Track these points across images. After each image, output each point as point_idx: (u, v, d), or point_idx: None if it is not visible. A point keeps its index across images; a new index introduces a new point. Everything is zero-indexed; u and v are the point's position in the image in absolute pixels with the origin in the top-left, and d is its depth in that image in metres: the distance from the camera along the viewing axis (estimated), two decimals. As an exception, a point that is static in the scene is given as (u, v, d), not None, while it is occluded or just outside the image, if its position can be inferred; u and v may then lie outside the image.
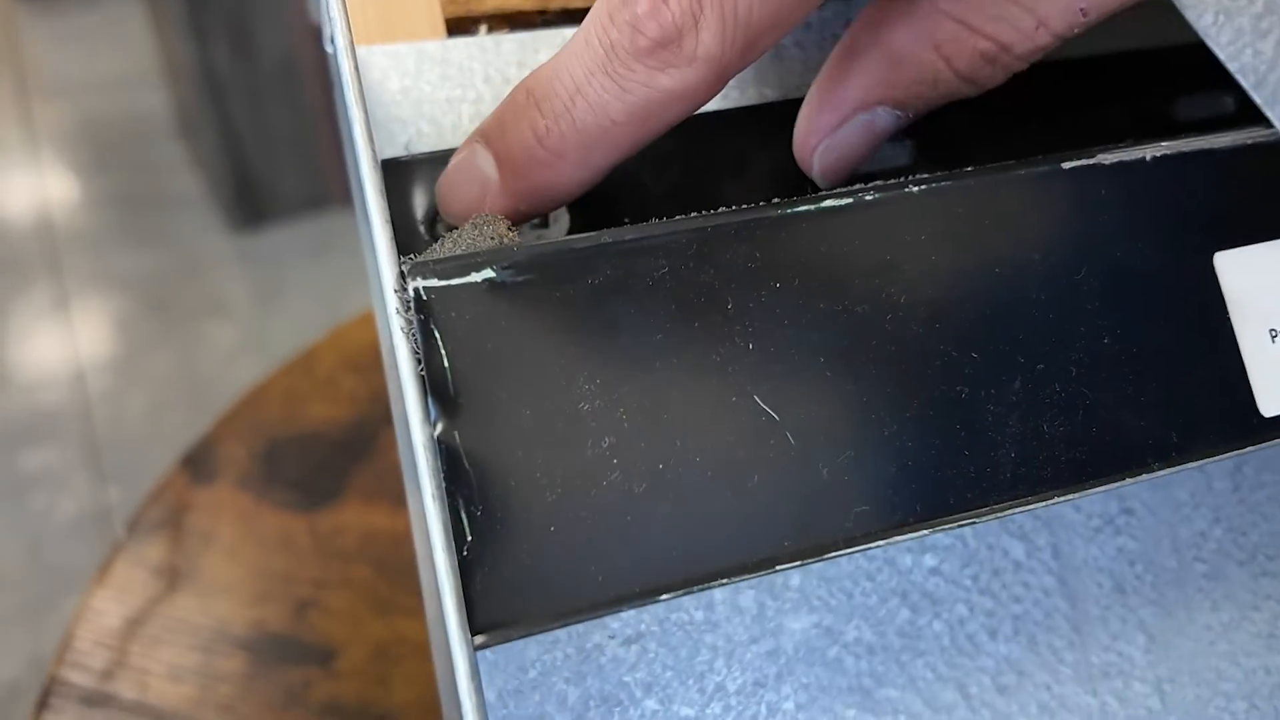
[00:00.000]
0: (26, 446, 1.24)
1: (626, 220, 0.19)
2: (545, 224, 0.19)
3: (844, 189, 0.16)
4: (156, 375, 1.31)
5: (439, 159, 0.19)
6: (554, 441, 0.14)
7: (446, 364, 0.14)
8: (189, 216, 1.49)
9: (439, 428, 0.14)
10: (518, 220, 0.17)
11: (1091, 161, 0.17)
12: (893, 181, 0.16)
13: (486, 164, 0.17)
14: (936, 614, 0.19)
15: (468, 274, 0.14)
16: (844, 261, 0.15)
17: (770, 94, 0.21)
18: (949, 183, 0.16)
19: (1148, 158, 0.17)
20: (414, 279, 0.14)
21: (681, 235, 0.15)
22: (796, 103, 0.20)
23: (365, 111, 0.15)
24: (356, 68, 0.15)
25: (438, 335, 0.14)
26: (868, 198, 0.16)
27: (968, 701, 0.19)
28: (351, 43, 0.15)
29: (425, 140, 0.19)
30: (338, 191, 1.43)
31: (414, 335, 0.14)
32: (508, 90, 0.20)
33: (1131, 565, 0.21)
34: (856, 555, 0.19)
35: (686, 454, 0.14)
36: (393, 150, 0.19)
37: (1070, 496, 0.15)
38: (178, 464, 0.43)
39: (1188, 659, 0.20)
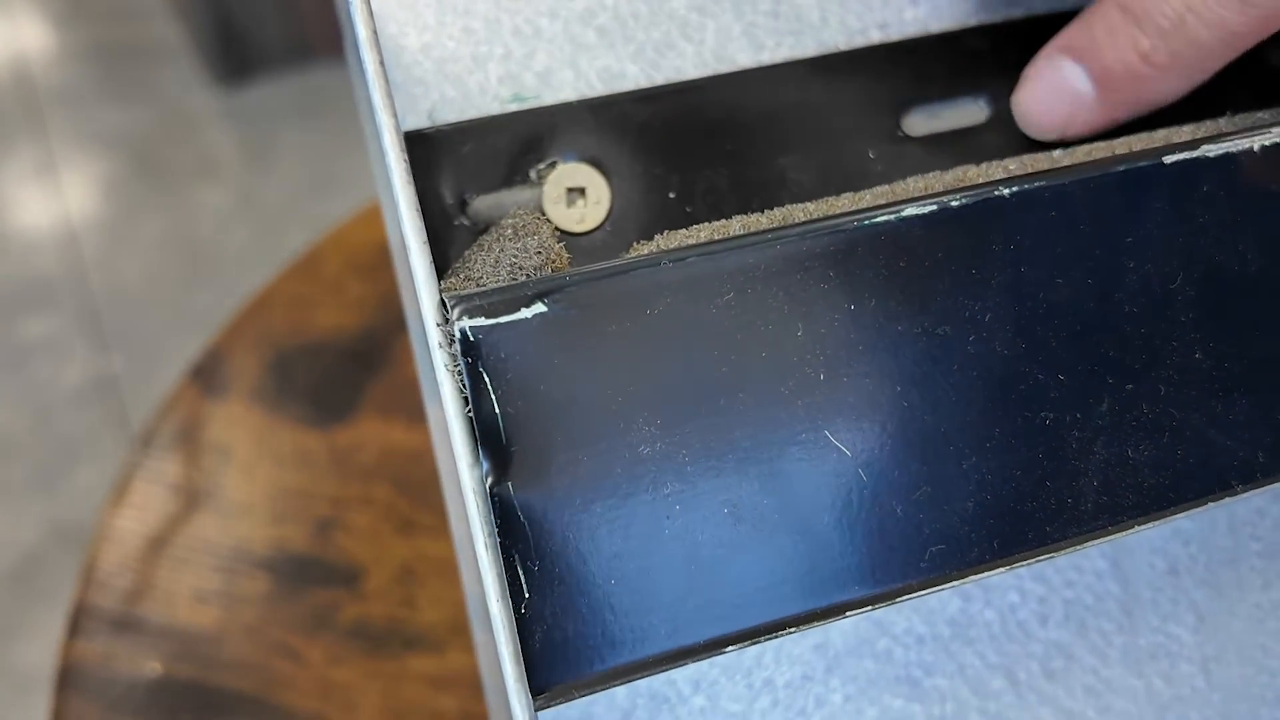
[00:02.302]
0: (25, 315, 1.23)
1: (672, 195, 0.18)
2: (584, 203, 0.17)
3: (928, 195, 0.14)
4: (150, 238, 1.28)
5: (468, 130, 0.17)
6: (613, 489, 0.13)
7: (497, 409, 0.13)
8: (172, 70, 1.43)
9: (491, 478, 0.13)
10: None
11: (1194, 155, 0.15)
12: (982, 184, 0.14)
13: (1079, 80, 0.17)
14: (988, 601, 0.19)
15: (518, 309, 0.13)
16: (926, 277, 0.14)
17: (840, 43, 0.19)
18: (1043, 184, 0.14)
19: (1255, 147, 0.15)
20: (460, 318, 0.12)
21: (748, 256, 0.13)
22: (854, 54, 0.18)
23: (391, 103, 0.13)
24: (376, 39, 0.13)
25: (487, 379, 0.13)
26: (954, 204, 0.14)
27: (1015, 688, 0.19)
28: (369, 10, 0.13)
29: (450, 106, 0.17)
30: (322, 42, 1.37)
31: (460, 374, 0.13)
32: (541, 44, 0.18)
33: (1186, 545, 0.20)
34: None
35: (753, 496, 0.13)
36: (415, 120, 0.17)
37: (1151, 525, 0.15)
38: (187, 375, 0.42)
39: (1235, 638, 0.20)
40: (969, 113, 0.19)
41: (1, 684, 0.97)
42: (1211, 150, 0.15)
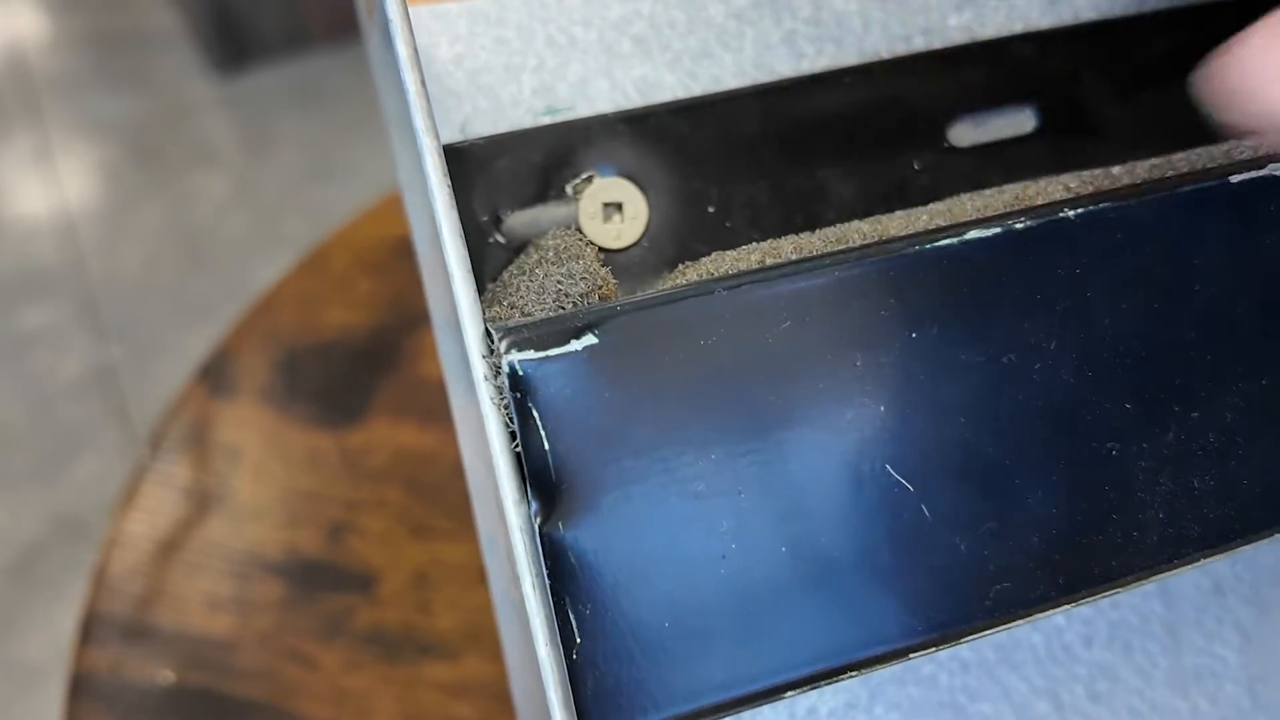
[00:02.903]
0: (23, 304, 1.22)
1: (711, 209, 0.17)
2: (621, 218, 0.17)
3: (991, 217, 0.13)
4: (148, 227, 1.27)
5: (501, 143, 0.16)
6: (667, 527, 0.12)
7: (546, 446, 0.12)
8: (169, 57, 1.42)
9: (540, 518, 0.12)
10: None
11: (1261, 174, 0.14)
12: (1046, 206, 0.14)
13: None
14: (1035, 625, 0.19)
15: (567, 341, 0.12)
16: (990, 303, 0.13)
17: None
18: (1107, 205, 0.14)
19: (1331, 163, 0.15)
20: (509, 351, 0.12)
21: (805, 282, 0.13)
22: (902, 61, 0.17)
23: (433, 124, 0.13)
24: (415, 53, 0.13)
25: (536, 415, 0.12)
26: (1018, 226, 0.13)
27: (1060, 711, 0.19)
28: (406, 12, 0.13)
29: (483, 118, 0.17)
30: (320, 29, 1.36)
31: (507, 409, 0.12)
32: (575, 54, 0.17)
33: (1231, 565, 0.20)
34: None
35: (812, 534, 0.13)
36: (447, 133, 0.16)
37: (1216, 558, 0.14)
38: (195, 375, 0.41)
39: (1282, 658, 0.20)
40: (1016, 122, 0.18)
41: (3, 676, 0.97)
42: (1279, 169, 0.14)
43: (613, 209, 0.17)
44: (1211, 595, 0.20)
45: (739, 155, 0.17)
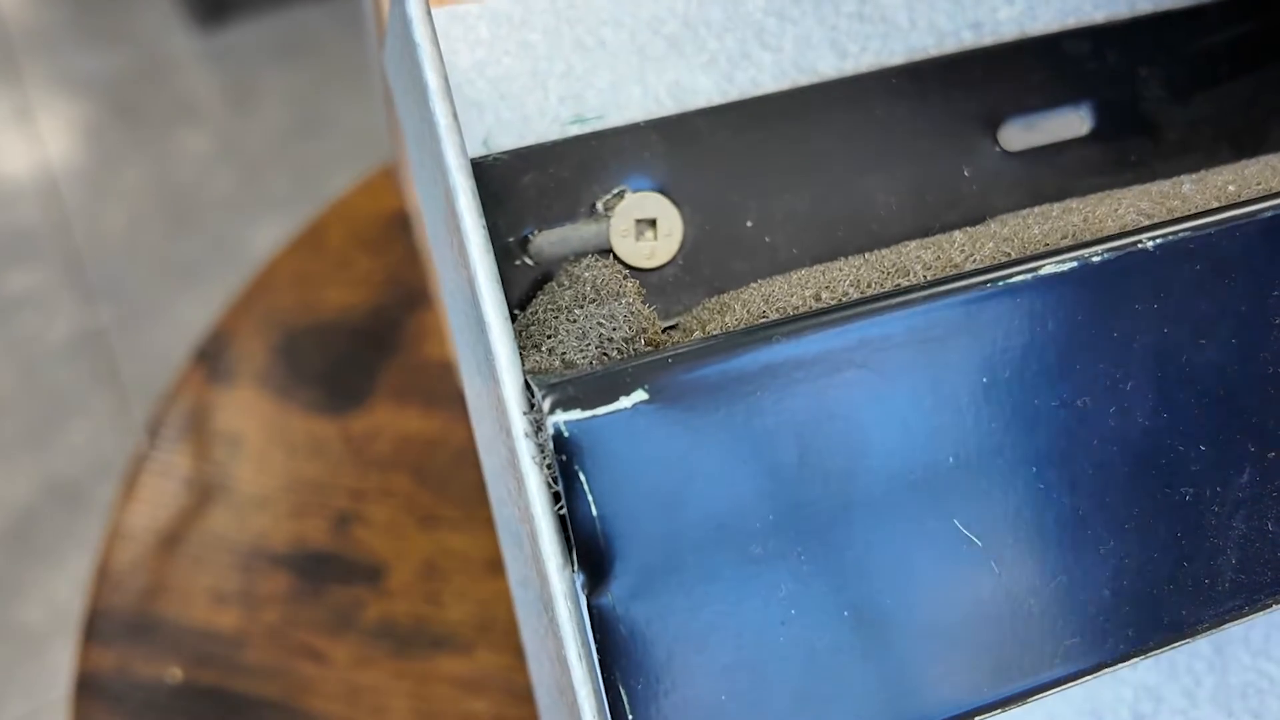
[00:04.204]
0: (8, 268, 1.20)
1: (750, 223, 0.16)
2: (654, 235, 0.16)
3: (1065, 248, 0.12)
4: (132, 186, 1.25)
5: (527, 157, 0.15)
6: (723, 594, 0.12)
7: (594, 512, 0.11)
8: (149, 12, 1.38)
9: (587, 589, 0.11)
10: None
11: (1357, 192, 0.13)
12: (1124, 236, 0.13)
13: None
14: (1078, 649, 0.18)
15: (616, 399, 0.11)
16: (1065, 343, 0.12)
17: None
18: (1187, 234, 0.13)
19: None
20: (553, 411, 0.11)
21: (870, 328, 0.12)
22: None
23: (459, 136, 0.11)
24: (440, 61, 0.11)
25: (584, 479, 0.11)
26: (1095, 260, 0.12)
27: (1104, 736, 0.18)
28: (428, 8, 0.12)
29: (507, 130, 0.15)
30: (300, -20, 1.33)
31: (551, 469, 0.11)
32: (605, 57, 0.16)
33: None
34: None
35: (875, 596, 0.12)
36: (470, 147, 0.15)
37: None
38: (191, 359, 0.40)
39: (1328, 674, 0.19)
40: (1069, 124, 0.17)
41: (5, 640, 0.97)
42: (1368, 187, 0.14)
43: (645, 225, 0.16)
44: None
45: (779, 164, 0.16)
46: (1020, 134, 0.17)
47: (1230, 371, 0.13)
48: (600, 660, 0.11)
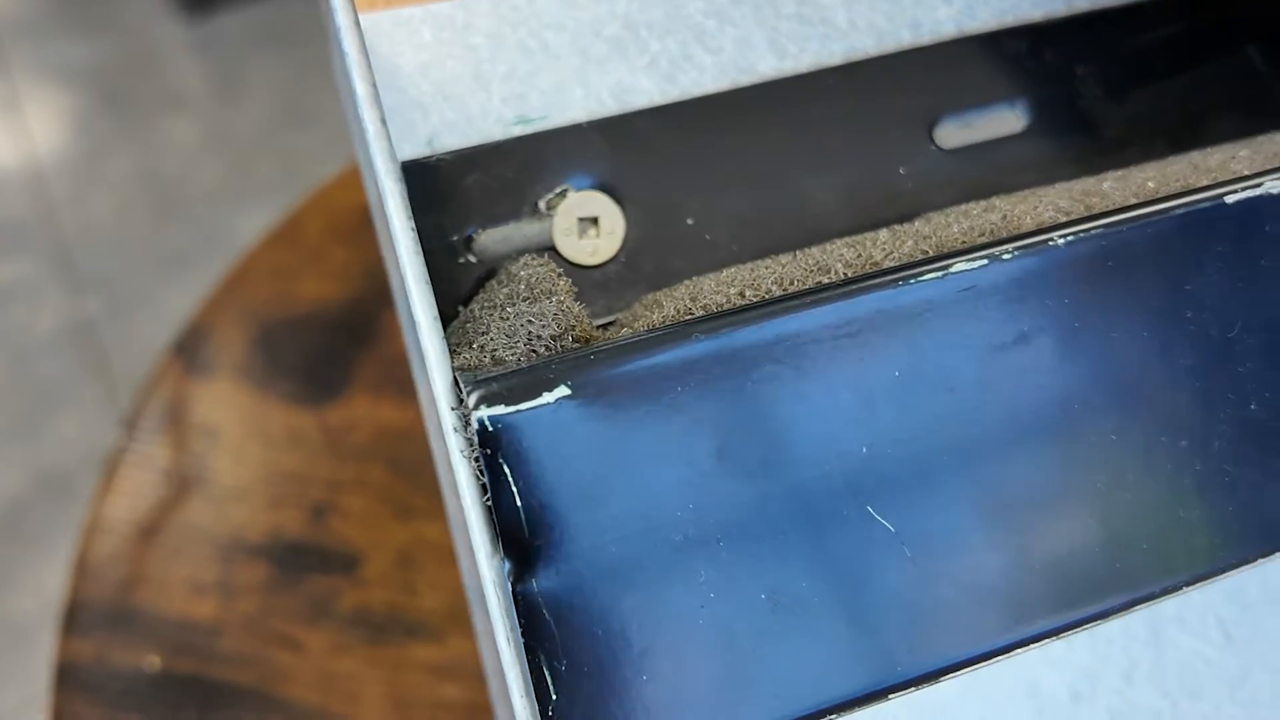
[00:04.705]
0: (-3, 259, 1.20)
1: (691, 221, 0.17)
2: (597, 233, 0.16)
3: (977, 246, 0.13)
4: (119, 176, 1.25)
5: (471, 157, 0.16)
6: (645, 580, 0.12)
7: (519, 502, 0.12)
8: (134, 1, 1.38)
9: (513, 576, 0.12)
10: None
11: (1258, 192, 0.14)
12: (1035, 234, 0.13)
13: None
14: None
15: (539, 394, 0.12)
16: (973, 339, 0.13)
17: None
18: (1099, 231, 0.13)
19: (1326, 180, 0.14)
20: (478, 406, 0.11)
21: (788, 324, 0.12)
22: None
23: (389, 142, 0.12)
24: (367, 61, 0.12)
25: (508, 471, 0.12)
26: (1005, 258, 0.13)
27: (1041, 713, 0.19)
28: (356, 21, 0.12)
29: (451, 131, 0.16)
30: (288, -32, 1.32)
31: (478, 463, 0.12)
32: (548, 59, 0.16)
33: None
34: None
35: (793, 581, 0.13)
36: (413, 148, 0.16)
37: (1193, 587, 0.14)
38: (170, 352, 0.40)
39: (1262, 653, 0.20)
40: (1004, 122, 0.18)
41: (-4, 633, 0.97)
42: (1275, 186, 0.14)
43: (588, 223, 0.16)
44: (1194, 592, 0.20)
45: (719, 163, 0.17)
46: (956, 132, 0.18)
47: (1143, 367, 0.14)
48: (526, 643, 0.12)
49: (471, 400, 0.12)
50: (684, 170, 0.16)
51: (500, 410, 0.11)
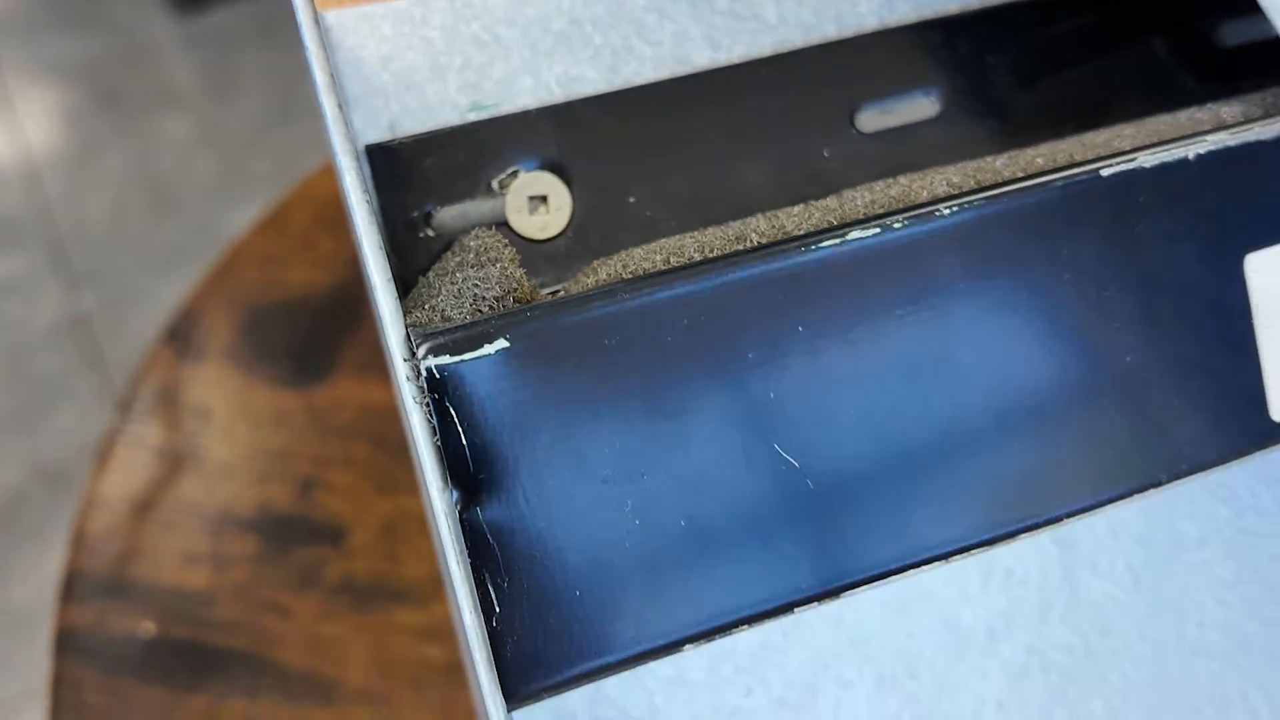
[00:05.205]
0: (-8, 255, 1.21)
1: (632, 199, 0.18)
2: (546, 210, 0.18)
3: (872, 217, 0.15)
4: (113, 172, 1.26)
5: (429, 141, 0.17)
6: (576, 509, 0.14)
7: (464, 441, 0.13)
8: (125, -3, 1.39)
9: (460, 504, 0.13)
10: None
11: (1132, 166, 0.16)
12: (924, 205, 0.15)
13: None
14: (934, 571, 0.20)
15: (480, 346, 0.13)
16: (871, 299, 0.15)
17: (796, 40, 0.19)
18: (982, 202, 0.15)
19: (1191, 156, 0.16)
20: (426, 356, 0.13)
21: (701, 286, 0.14)
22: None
23: (349, 133, 0.14)
24: (331, 79, 0.14)
25: (453, 412, 0.13)
26: (896, 226, 0.15)
27: (959, 648, 0.20)
28: (315, 19, 0.14)
29: (411, 117, 0.17)
30: (282, -35, 1.33)
31: (428, 408, 0.13)
32: (500, 52, 0.18)
33: (1122, 508, 0.21)
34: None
35: (708, 509, 0.14)
36: (376, 133, 0.17)
37: (1072, 521, 0.16)
38: (161, 338, 0.42)
39: (1169, 595, 0.21)
40: (920, 108, 0.19)
41: (-4, 623, 0.99)
42: (1148, 161, 0.16)
43: (538, 201, 0.18)
44: (1107, 537, 0.21)
45: (658, 146, 0.18)
46: (876, 117, 0.19)
47: (1025, 324, 0.15)
48: (472, 564, 0.14)
49: (421, 351, 0.13)
50: (626, 153, 0.18)
51: (446, 360, 0.13)
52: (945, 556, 0.15)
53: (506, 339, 0.13)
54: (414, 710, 0.33)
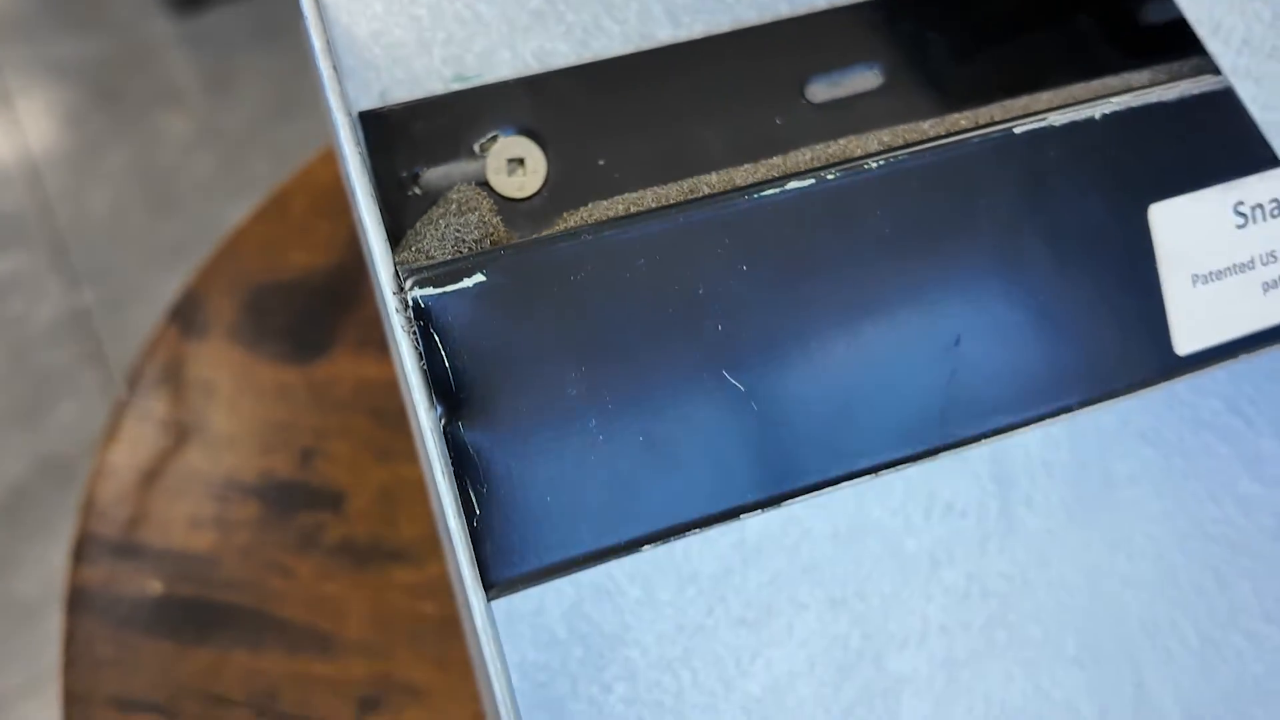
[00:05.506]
0: (-7, 252, 1.23)
1: (602, 162, 0.20)
2: (524, 171, 0.20)
3: (810, 169, 0.17)
4: (114, 170, 1.28)
5: (417, 109, 0.19)
6: (547, 424, 0.16)
7: (447, 364, 0.15)
8: (124, -4, 1.40)
9: (444, 420, 0.15)
10: None
11: (1043, 125, 0.17)
12: (856, 159, 0.17)
13: None
14: (879, 501, 0.22)
15: (460, 280, 0.15)
16: (808, 241, 0.17)
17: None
18: (907, 156, 0.17)
19: (1098, 116, 0.18)
20: (412, 289, 0.15)
21: (656, 227, 0.16)
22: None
23: (349, 112, 0.15)
24: (327, 45, 0.15)
25: (437, 338, 0.15)
26: (830, 178, 0.17)
27: (903, 573, 0.22)
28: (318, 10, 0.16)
29: (400, 87, 0.19)
30: (277, -38, 1.35)
31: (415, 335, 0.15)
32: (480, 28, 0.20)
33: (1056, 449, 0.23)
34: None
35: (664, 427, 0.16)
36: (369, 101, 0.19)
37: (987, 442, 0.18)
38: (166, 317, 0.44)
39: (1103, 529, 0.23)
40: (865, 80, 0.21)
41: (1, 612, 1.00)
42: (1058, 120, 0.18)
43: (515, 164, 0.20)
44: (1043, 476, 0.23)
45: (625, 115, 0.20)
46: (824, 89, 0.21)
47: (946, 266, 0.17)
48: (455, 472, 0.15)
49: (408, 285, 0.15)
50: (596, 120, 0.20)
51: (430, 291, 0.15)
52: (875, 470, 0.17)
53: (483, 274, 0.15)
54: (409, 661, 0.35)
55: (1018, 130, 0.17)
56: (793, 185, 0.16)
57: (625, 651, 0.21)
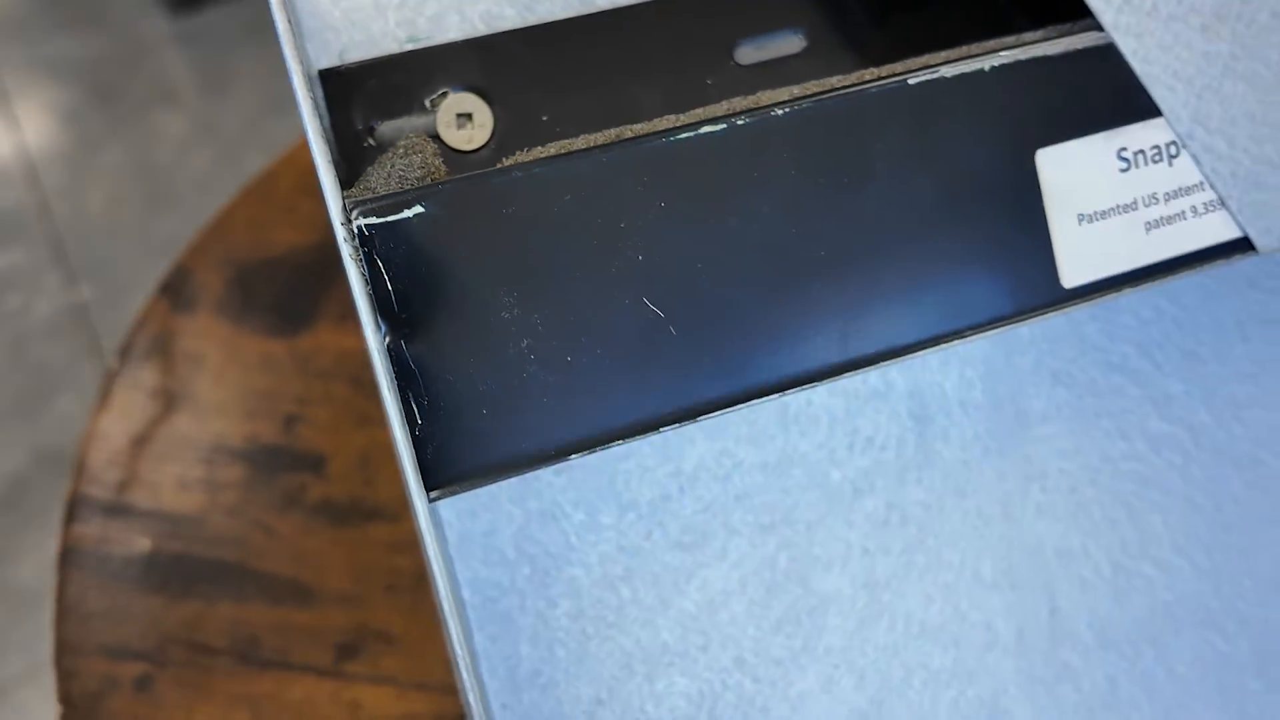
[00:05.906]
0: (-8, 248, 1.24)
1: (545, 118, 0.22)
2: (472, 125, 0.22)
3: (720, 114, 0.18)
4: (110, 167, 1.30)
5: (373, 67, 0.21)
6: (482, 344, 0.18)
7: (390, 287, 0.17)
8: (120, -5, 1.42)
9: (388, 338, 0.17)
10: None
11: (935, 76, 0.19)
12: (762, 107, 0.19)
13: None
14: (804, 434, 0.24)
15: (400, 210, 0.17)
16: (719, 179, 0.18)
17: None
18: (810, 103, 0.19)
19: (987, 68, 0.19)
20: (357, 217, 0.17)
21: (581, 166, 0.18)
22: None
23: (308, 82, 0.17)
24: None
25: (380, 263, 0.17)
26: (739, 123, 0.18)
27: (836, 493, 0.24)
28: None
29: (357, 47, 0.21)
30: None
31: (361, 261, 0.17)
32: (431, -5, 0.21)
33: (970, 389, 0.25)
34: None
35: (589, 349, 0.18)
36: (328, 60, 0.21)
37: (892, 362, 0.19)
38: (156, 292, 0.46)
39: (1022, 461, 0.25)
40: (790, 44, 0.23)
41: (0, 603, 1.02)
42: (949, 71, 0.19)
43: (465, 118, 0.22)
44: (959, 413, 0.25)
45: (566, 73, 0.22)
46: (751, 52, 0.23)
47: (846, 206, 0.19)
48: (398, 385, 0.17)
49: (354, 215, 0.17)
50: (539, 79, 0.22)
51: (374, 220, 0.17)
52: (781, 389, 0.19)
53: (422, 205, 0.17)
54: (385, 611, 0.36)
55: (911, 81, 0.19)
56: (705, 129, 0.18)
57: (570, 570, 0.23)
